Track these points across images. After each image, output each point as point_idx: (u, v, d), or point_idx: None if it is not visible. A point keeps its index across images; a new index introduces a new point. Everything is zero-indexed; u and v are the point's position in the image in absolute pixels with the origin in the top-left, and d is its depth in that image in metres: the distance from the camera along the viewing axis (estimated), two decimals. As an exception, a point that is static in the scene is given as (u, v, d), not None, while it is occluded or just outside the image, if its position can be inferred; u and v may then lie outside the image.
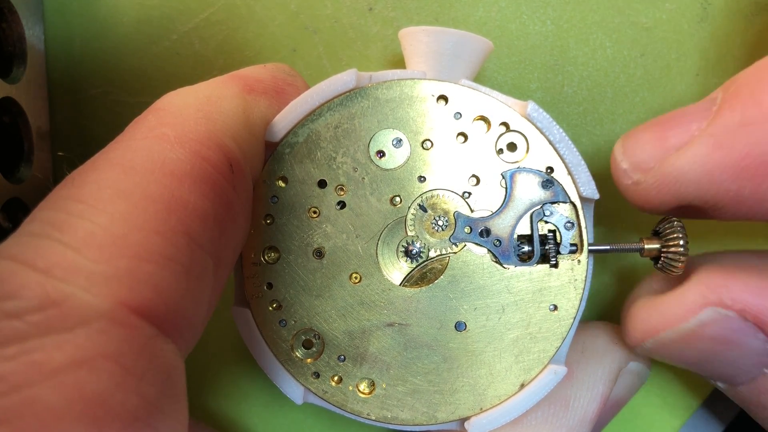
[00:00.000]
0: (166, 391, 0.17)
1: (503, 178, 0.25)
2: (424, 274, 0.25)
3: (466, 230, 0.25)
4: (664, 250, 0.25)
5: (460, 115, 0.25)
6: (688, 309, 0.24)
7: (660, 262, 0.25)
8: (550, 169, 0.25)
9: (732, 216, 0.23)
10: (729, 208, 0.22)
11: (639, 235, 0.26)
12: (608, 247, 0.26)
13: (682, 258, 0.25)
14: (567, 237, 0.25)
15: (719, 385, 0.27)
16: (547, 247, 0.25)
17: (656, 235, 0.26)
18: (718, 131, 0.22)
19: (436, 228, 0.25)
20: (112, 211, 0.18)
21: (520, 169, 0.25)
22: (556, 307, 0.25)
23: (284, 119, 0.25)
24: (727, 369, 0.25)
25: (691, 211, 0.24)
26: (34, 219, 0.18)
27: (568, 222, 0.25)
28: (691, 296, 0.24)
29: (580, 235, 0.25)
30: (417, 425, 0.25)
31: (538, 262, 0.25)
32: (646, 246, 0.25)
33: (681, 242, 0.25)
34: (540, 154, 0.25)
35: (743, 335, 0.24)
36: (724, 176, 0.22)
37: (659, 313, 0.25)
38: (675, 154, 0.23)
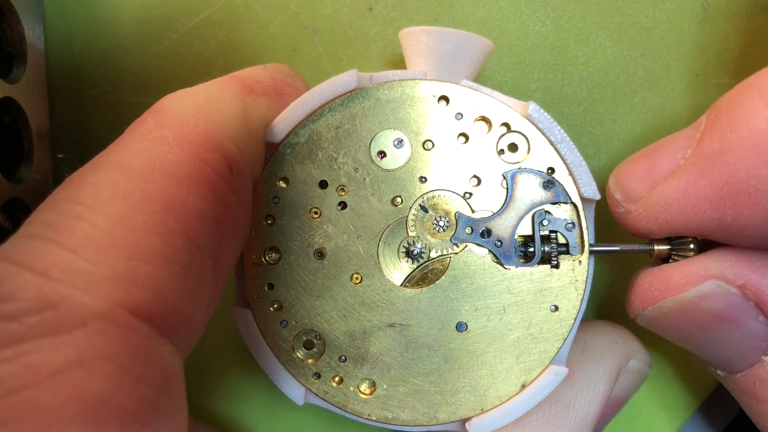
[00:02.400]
0: (164, 392, 0.17)
1: (504, 178, 0.25)
2: (425, 275, 0.25)
3: (467, 231, 0.25)
4: (674, 252, 0.25)
5: (461, 115, 0.25)
6: (689, 279, 0.24)
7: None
8: (551, 170, 0.25)
9: (724, 241, 0.24)
10: (715, 235, 0.23)
11: (635, 237, 0.26)
12: (618, 248, 0.26)
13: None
14: (568, 238, 0.25)
15: (718, 373, 0.26)
16: (548, 248, 0.25)
17: (667, 238, 0.26)
18: (699, 160, 0.22)
19: (437, 228, 0.25)
20: (111, 213, 0.18)
21: (521, 170, 0.25)
22: (557, 308, 0.25)
23: (285, 120, 0.25)
24: (725, 351, 0.25)
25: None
26: (32, 221, 0.18)
27: (569, 223, 0.25)
28: (694, 267, 0.24)
29: (581, 236, 0.25)
30: (418, 426, 0.25)
31: (539, 263, 0.25)
32: (655, 248, 0.25)
33: (692, 245, 0.25)
34: (541, 154, 0.25)
35: (743, 314, 0.24)
36: (706, 205, 0.22)
37: (660, 281, 0.25)
38: (661, 185, 0.24)
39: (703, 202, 0.22)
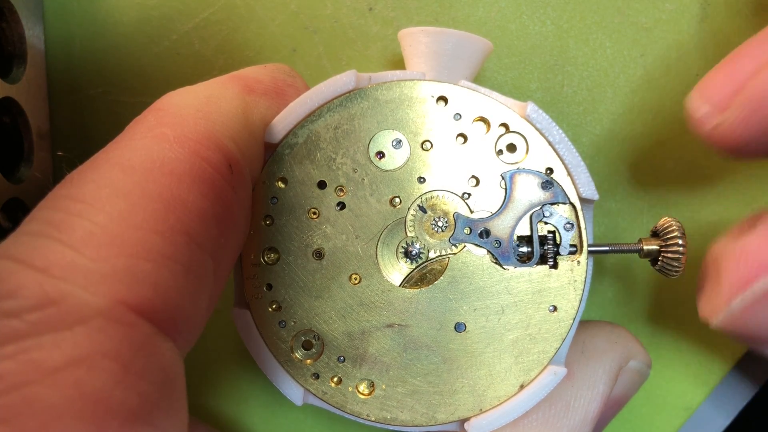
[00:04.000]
0: (165, 389, 0.17)
1: (503, 179, 0.25)
2: (423, 275, 0.25)
3: (465, 231, 0.25)
4: (663, 250, 0.25)
5: (460, 116, 0.25)
6: None
7: (659, 263, 0.26)
8: (550, 170, 0.25)
9: None
10: None
11: (638, 236, 0.26)
12: (607, 248, 0.26)
13: (681, 258, 0.25)
14: (566, 238, 0.25)
15: None
16: (546, 248, 0.25)
17: (655, 235, 0.26)
18: None
19: (436, 229, 0.25)
20: (111, 210, 0.18)
21: (519, 170, 0.25)
22: (555, 308, 0.25)
23: (284, 120, 0.25)
24: None
25: None
26: (33, 218, 0.18)
27: (568, 223, 0.25)
28: None
29: (580, 236, 0.25)
30: (416, 426, 0.25)
31: (537, 263, 0.25)
32: (644, 247, 0.25)
33: (680, 242, 0.25)
34: (540, 155, 0.25)
35: None
36: None
37: (749, 261, 0.22)
38: (752, 81, 0.22)
39: None
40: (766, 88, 0.21)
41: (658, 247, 0.25)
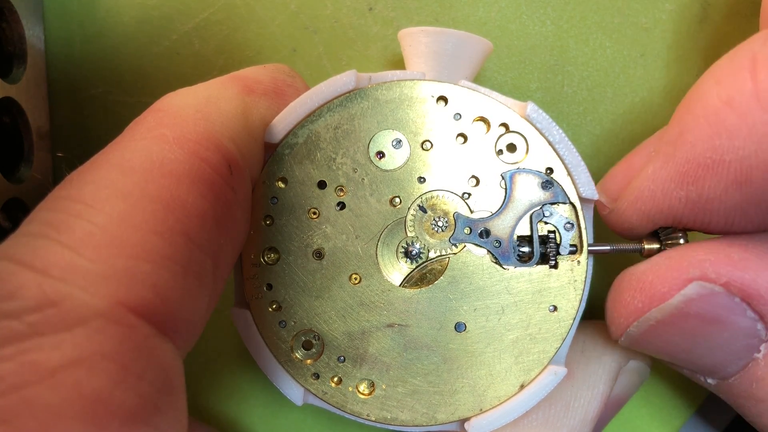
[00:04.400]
0: (164, 390, 0.17)
1: (503, 178, 0.25)
2: (423, 275, 0.25)
3: (465, 231, 0.25)
4: (664, 250, 0.25)
5: (460, 116, 0.25)
6: (672, 285, 0.24)
7: None
8: (550, 170, 0.25)
9: (696, 225, 0.24)
10: (687, 217, 0.24)
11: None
12: (608, 248, 0.26)
13: None
14: (566, 238, 0.25)
15: (709, 383, 0.26)
16: (546, 248, 0.25)
17: (656, 235, 0.26)
18: (664, 147, 0.24)
19: (436, 229, 0.25)
20: (110, 211, 0.18)
21: (519, 170, 0.25)
22: (555, 308, 0.25)
23: (284, 120, 0.25)
24: (717, 356, 0.25)
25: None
26: (32, 220, 0.18)
27: (568, 223, 0.25)
28: (674, 272, 0.24)
29: (580, 236, 0.25)
30: (417, 426, 0.25)
31: (537, 263, 0.25)
32: (645, 246, 0.25)
33: (681, 242, 0.25)
34: (540, 154, 0.25)
35: (731, 313, 0.23)
36: (672, 185, 0.23)
37: (643, 293, 0.24)
38: (635, 178, 0.25)
39: (669, 183, 0.23)
40: (639, 187, 0.24)
41: (659, 247, 0.25)
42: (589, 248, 0.25)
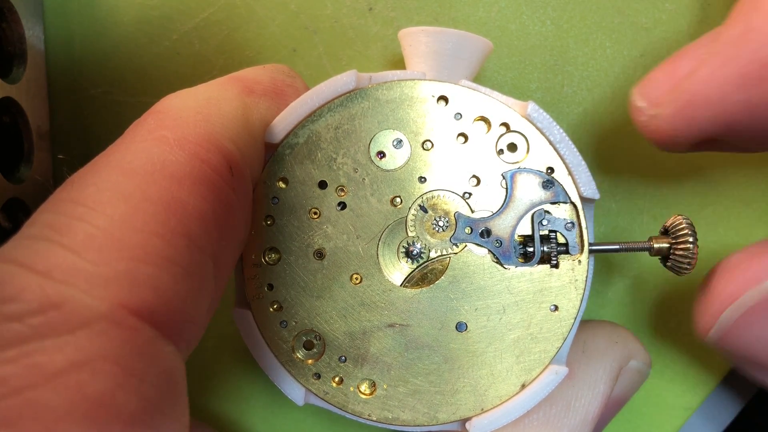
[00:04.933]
0: (166, 393, 0.17)
1: (504, 178, 0.25)
2: (424, 275, 0.25)
3: (466, 231, 0.25)
4: (674, 248, 0.25)
5: (461, 115, 0.25)
6: (767, 269, 0.23)
7: (669, 260, 0.25)
8: (551, 170, 0.25)
9: (751, 139, 0.23)
10: (743, 122, 0.22)
11: (638, 235, 0.26)
12: (617, 247, 0.26)
13: (692, 256, 0.25)
14: (567, 237, 0.25)
15: None
16: (547, 248, 0.25)
17: (665, 233, 0.26)
18: (723, 47, 0.22)
19: (437, 228, 0.25)
20: (112, 214, 0.18)
21: (520, 170, 0.25)
22: (556, 308, 0.25)
23: (284, 120, 0.25)
24: None
25: (710, 144, 0.24)
26: (34, 222, 0.18)
27: (569, 222, 0.25)
28: None
29: (581, 236, 0.25)
30: (418, 426, 0.25)
31: (538, 263, 0.25)
32: (655, 245, 0.25)
33: (690, 239, 0.25)
34: (540, 154, 0.25)
35: None
36: (732, 89, 0.22)
37: (739, 276, 0.23)
38: (685, 80, 0.23)
39: (729, 86, 0.22)
40: (692, 90, 0.23)
41: (668, 245, 0.25)
42: (590, 248, 0.25)
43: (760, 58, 0.21)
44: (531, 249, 0.25)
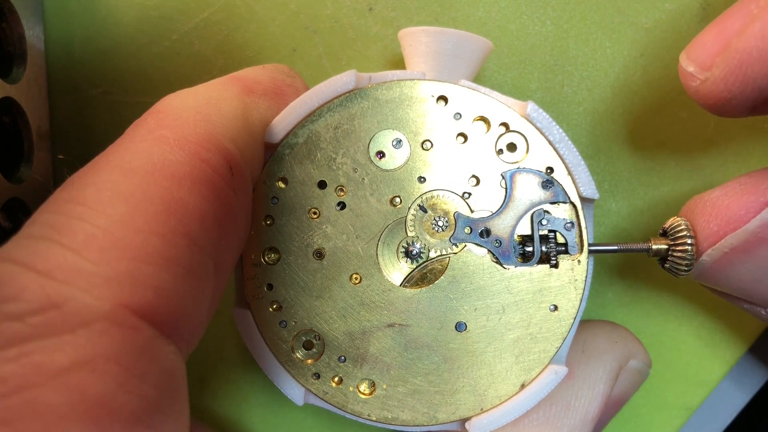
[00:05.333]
0: (167, 392, 0.17)
1: (503, 178, 0.25)
2: (424, 275, 0.25)
3: (466, 231, 0.25)
4: (672, 250, 0.25)
5: (460, 115, 0.25)
6: (750, 208, 0.23)
7: (667, 262, 0.25)
8: (550, 170, 0.25)
9: None
10: None
11: (638, 236, 0.26)
12: (616, 247, 0.26)
13: (690, 258, 0.25)
14: (567, 237, 0.25)
15: None
16: (547, 248, 0.25)
17: (664, 235, 0.26)
18: None
19: (437, 228, 0.25)
20: (112, 213, 0.18)
21: (520, 170, 0.25)
22: (556, 308, 0.25)
23: (284, 120, 0.25)
24: None
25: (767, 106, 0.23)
26: (34, 222, 0.18)
27: (569, 222, 0.25)
28: (752, 196, 0.23)
29: (581, 235, 0.25)
30: (417, 426, 0.25)
31: (538, 263, 0.25)
32: (653, 246, 0.25)
33: (688, 241, 0.25)
34: (540, 154, 0.25)
35: None
36: None
37: (718, 218, 0.23)
38: (736, 37, 0.22)
39: None
40: (745, 48, 0.22)
41: (666, 247, 0.25)
42: (590, 248, 0.25)
43: None
44: (530, 249, 0.25)
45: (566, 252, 0.25)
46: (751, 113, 0.24)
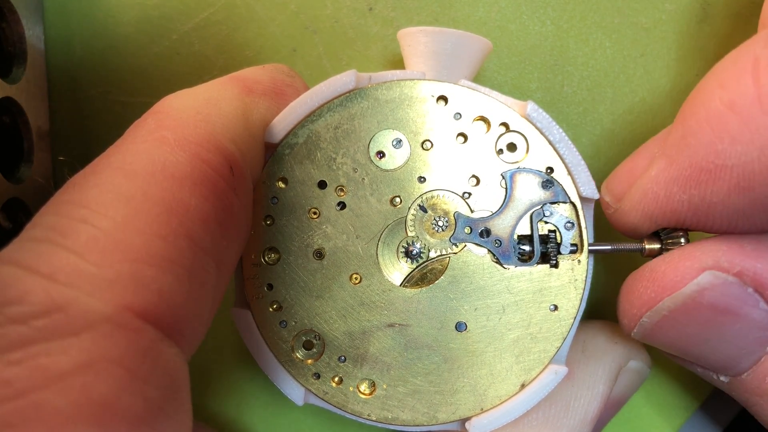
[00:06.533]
0: (170, 394, 0.17)
1: (503, 178, 0.25)
2: (424, 275, 0.25)
3: (466, 231, 0.25)
4: (665, 250, 0.25)
5: (460, 115, 0.25)
6: (685, 274, 0.24)
7: None
8: (550, 170, 0.25)
9: (698, 226, 0.24)
10: (689, 219, 0.24)
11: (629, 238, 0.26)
12: (610, 247, 0.26)
13: None
14: (567, 237, 0.25)
15: (721, 380, 0.26)
16: (547, 248, 0.25)
17: (657, 235, 0.26)
18: (668, 149, 0.23)
19: (437, 228, 0.25)
20: (114, 215, 0.18)
21: (520, 170, 0.25)
22: (556, 307, 0.25)
23: (284, 120, 0.25)
24: (729, 349, 0.24)
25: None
26: (36, 224, 0.18)
27: (568, 222, 0.25)
28: (687, 261, 0.24)
29: (580, 235, 0.25)
30: (418, 426, 0.25)
31: (538, 263, 0.25)
32: (647, 246, 0.25)
33: (682, 241, 0.25)
34: (540, 154, 0.25)
35: (744, 303, 0.23)
36: (675, 188, 0.23)
37: (655, 283, 0.24)
38: (639, 179, 0.25)
39: (672, 185, 0.23)
40: (643, 188, 0.24)
41: (659, 247, 0.25)
42: (590, 248, 0.25)
43: (696, 162, 0.22)
44: (530, 249, 0.25)
45: (566, 252, 0.25)
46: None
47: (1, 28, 0.30)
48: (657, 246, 0.25)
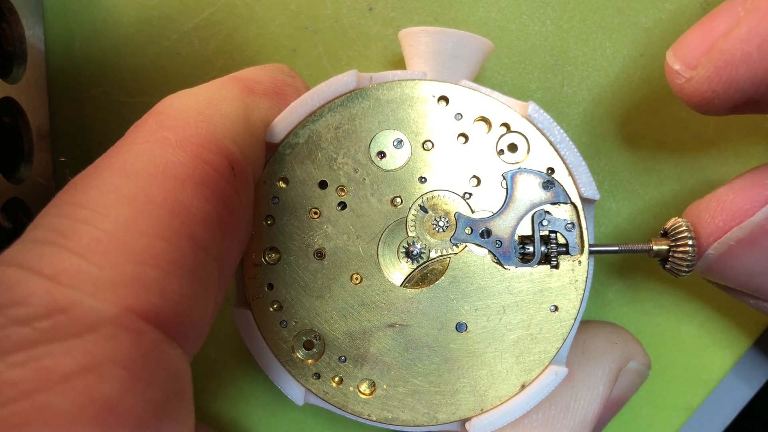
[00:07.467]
0: (173, 396, 0.17)
1: (504, 178, 0.25)
2: (424, 275, 0.25)
3: (466, 231, 0.25)
4: (673, 250, 0.25)
5: (461, 115, 0.25)
6: (755, 201, 0.23)
7: (668, 263, 0.26)
8: (551, 170, 0.25)
9: None
10: None
11: (638, 236, 0.26)
12: (617, 248, 0.26)
13: (691, 258, 0.25)
14: (568, 238, 0.25)
15: None
16: (548, 248, 0.25)
17: (664, 235, 0.26)
18: (761, 2, 0.21)
19: (437, 229, 0.25)
20: (116, 217, 0.18)
21: (520, 170, 0.25)
22: (556, 308, 0.25)
23: (285, 120, 0.25)
24: None
25: (751, 105, 0.23)
26: (38, 225, 0.18)
27: (569, 223, 0.25)
28: (757, 190, 0.23)
29: (581, 236, 0.25)
30: (418, 426, 0.25)
31: (538, 263, 0.25)
32: (654, 247, 0.25)
33: (690, 242, 0.25)
34: (541, 154, 0.25)
35: None
36: None
37: (723, 212, 0.23)
38: (722, 39, 0.22)
39: None
40: (730, 49, 0.22)
41: (667, 247, 0.25)
42: (591, 248, 0.25)
43: None
44: (531, 249, 0.25)
45: (567, 252, 0.25)
46: (732, 112, 0.24)
47: (1, 28, 0.30)
48: (665, 247, 0.25)
